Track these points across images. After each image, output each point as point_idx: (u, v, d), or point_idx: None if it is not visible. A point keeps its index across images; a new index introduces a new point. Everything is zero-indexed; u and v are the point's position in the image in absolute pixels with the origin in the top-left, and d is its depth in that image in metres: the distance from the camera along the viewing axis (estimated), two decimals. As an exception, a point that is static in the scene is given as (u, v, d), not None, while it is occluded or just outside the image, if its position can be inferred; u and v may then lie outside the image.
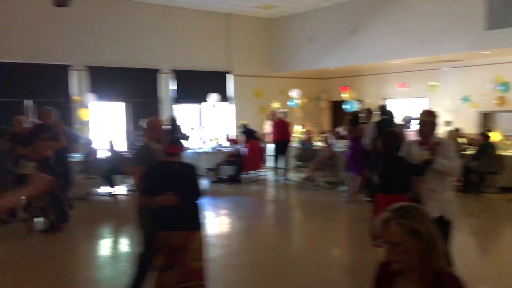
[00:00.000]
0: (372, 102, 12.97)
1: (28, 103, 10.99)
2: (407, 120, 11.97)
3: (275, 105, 13.41)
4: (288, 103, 13.77)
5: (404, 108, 13.53)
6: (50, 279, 5.13)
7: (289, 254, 6.12)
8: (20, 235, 6.72)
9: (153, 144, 4.09)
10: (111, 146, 10.08)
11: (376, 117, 8.84)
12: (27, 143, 6.92)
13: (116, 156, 9.90)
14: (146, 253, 4.04)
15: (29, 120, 8.36)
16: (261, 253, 6.05)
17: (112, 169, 9.72)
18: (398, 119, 10.58)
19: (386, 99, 14.19)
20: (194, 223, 3.77)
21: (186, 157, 4.75)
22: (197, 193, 3.76)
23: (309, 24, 13.99)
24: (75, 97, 11.79)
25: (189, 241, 3.67)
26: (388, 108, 9.45)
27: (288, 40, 14.74)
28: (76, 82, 11.95)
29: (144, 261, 4.05)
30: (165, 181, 3.67)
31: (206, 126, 13.53)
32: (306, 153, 11.51)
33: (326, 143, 10.89)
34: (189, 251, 3.66)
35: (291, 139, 12.15)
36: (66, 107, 11.62)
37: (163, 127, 4.18)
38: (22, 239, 6.62)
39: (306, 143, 12.03)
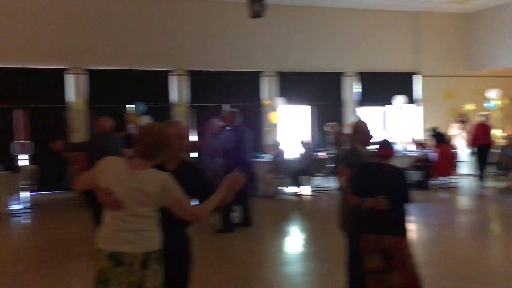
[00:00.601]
0: None
1: (225, 107, 12.14)
2: None
3: (469, 106, 12.32)
4: (484, 104, 12.51)
5: None
6: (247, 270, 5.57)
7: (488, 270, 5.55)
8: (214, 228, 7.38)
9: (359, 147, 4.13)
10: (303, 147, 10.49)
11: None
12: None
13: (306, 157, 10.29)
14: (353, 255, 4.09)
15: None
16: (455, 265, 5.61)
17: (299, 170, 10.13)
18: None
19: None
20: (403, 229, 3.69)
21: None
22: (407, 198, 3.68)
23: (513, 16, 12.50)
24: (265, 101, 12.61)
25: (402, 246, 3.62)
26: None
27: (486, 36, 13.40)
28: (267, 87, 12.78)
29: (354, 264, 4.09)
30: (376, 184, 3.66)
31: (391, 129, 13.13)
32: (507, 160, 10.30)
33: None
34: (406, 256, 3.62)
35: (492, 144, 10.99)
36: (257, 111, 12.54)
37: (370, 130, 4.20)
38: (214, 231, 7.24)
39: (506, 148, 10.77)
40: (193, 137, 11.79)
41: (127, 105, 11.24)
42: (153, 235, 2.62)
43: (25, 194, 9.69)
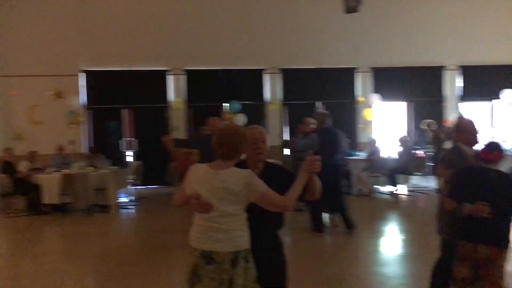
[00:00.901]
0: None
1: (318, 105, 12.09)
2: None
3: None
4: None
5: None
6: (343, 269, 5.50)
7: None
8: (307, 228, 7.33)
9: (464, 147, 3.79)
10: (401, 145, 10.11)
11: None
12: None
13: (403, 155, 9.92)
14: (444, 261, 3.88)
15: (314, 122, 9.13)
16: None
17: (396, 168, 9.79)
18: None
19: None
20: (503, 240, 3.39)
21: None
22: None
23: None
24: (360, 98, 12.35)
25: (497, 258, 3.35)
26: None
27: None
28: (361, 84, 12.50)
29: (442, 269, 3.90)
30: (477, 189, 3.38)
31: (499, 126, 12.19)
32: None
33: None
34: (496, 267, 3.35)
35: None
36: (351, 108, 12.32)
37: (476, 129, 3.86)
38: (308, 231, 7.18)
39: None
40: (286, 136, 11.90)
41: (223, 104, 11.63)
42: (241, 235, 2.70)
43: (131, 188, 10.42)
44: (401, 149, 10.14)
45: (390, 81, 12.46)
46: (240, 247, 2.68)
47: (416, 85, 12.63)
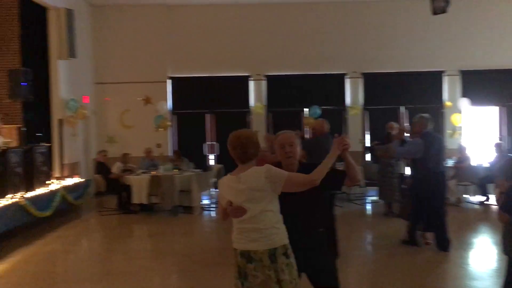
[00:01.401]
0: None
1: (402, 110, 11.73)
2: None
3: None
4: None
5: None
6: (430, 281, 5.29)
7: None
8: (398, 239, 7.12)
9: None
10: (497, 151, 9.51)
11: None
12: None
13: (497, 162, 9.33)
14: (510, 282, 3.60)
15: (403, 126, 8.86)
16: None
17: (487, 177, 9.22)
18: None
19: None
20: None
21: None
22: None
23: None
24: (447, 103, 11.79)
25: None
26: None
27: None
28: (448, 87, 11.93)
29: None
30: None
31: None
32: None
33: None
34: None
35: None
36: (438, 113, 11.79)
37: None
38: (399, 242, 6.93)
39: None
40: (368, 141, 11.66)
41: (304, 109, 11.65)
42: (276, 232, 2.78)
43: (213, 190, 10.73)
44: (495, 156, 9.52)
45: (480, 85, 11.79)
46: (276, 244, 2.76)
47: (508, 88, 11.84)
